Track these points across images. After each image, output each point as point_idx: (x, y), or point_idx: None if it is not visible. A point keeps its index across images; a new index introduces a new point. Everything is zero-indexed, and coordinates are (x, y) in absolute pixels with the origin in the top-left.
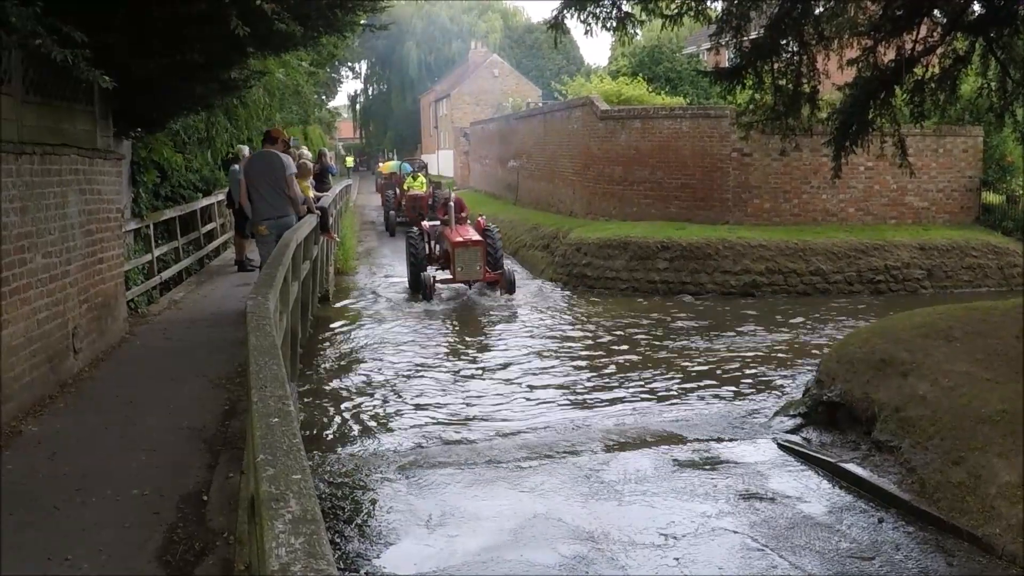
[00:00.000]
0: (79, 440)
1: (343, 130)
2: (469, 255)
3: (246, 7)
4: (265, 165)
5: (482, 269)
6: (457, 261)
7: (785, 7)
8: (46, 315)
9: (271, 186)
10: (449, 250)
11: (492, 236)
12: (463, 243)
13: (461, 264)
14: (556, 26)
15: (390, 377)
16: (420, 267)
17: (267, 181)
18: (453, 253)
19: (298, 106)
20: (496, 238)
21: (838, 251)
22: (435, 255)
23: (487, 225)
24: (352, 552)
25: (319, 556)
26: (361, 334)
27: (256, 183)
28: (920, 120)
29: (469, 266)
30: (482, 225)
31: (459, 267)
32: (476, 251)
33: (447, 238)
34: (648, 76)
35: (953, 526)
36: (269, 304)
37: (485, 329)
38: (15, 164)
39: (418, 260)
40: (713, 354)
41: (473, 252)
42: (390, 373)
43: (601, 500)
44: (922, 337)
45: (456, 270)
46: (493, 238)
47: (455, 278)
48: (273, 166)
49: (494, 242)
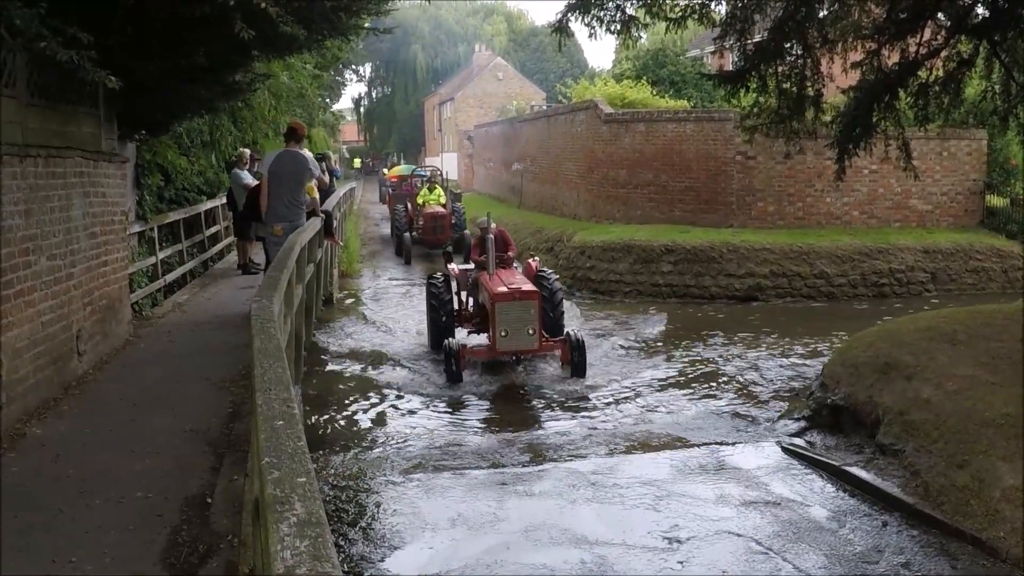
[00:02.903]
0: (83, 442)
1: (347, 133)
2: (517, 313)
3: (250, 10)
4: (292, 164)
5: (537, 334)
6: (500, 321)
7: (789, 10)
8: (50, 317)
9: (295, 187)
10: (488, 305)
11: (550, 284)
12: (508, 295)
13: (505, 326)
14: (560, 29)
15: (395, 379)
16: (445, 329)
17: (293, 180)
18: (493, 310)
19: (302, 109)
20: (556, 288)
21: (842, 254)
22: (467, 312)
23: (541, 268)
24: (356, 555)
25: (324, 559)
26: (365, 336)
27: (280, 182)
28: (924, 123)
29: (517, 330)
30: (534, 269)
31: (502, 330)
32: (527, 307)
33: (485, 288)
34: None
35: (957, 529)
36: (273, 307)
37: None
38: (19, 167)
39: (442, 318)
40: (717, 358)
41: (523, 308)
42: (395, 375)
43: (605, 504)
44: (926, 340)
45: (498, 335)
46: (551, 288)
47: (495, 347)
48: (302, 166)
49: (553, 294)
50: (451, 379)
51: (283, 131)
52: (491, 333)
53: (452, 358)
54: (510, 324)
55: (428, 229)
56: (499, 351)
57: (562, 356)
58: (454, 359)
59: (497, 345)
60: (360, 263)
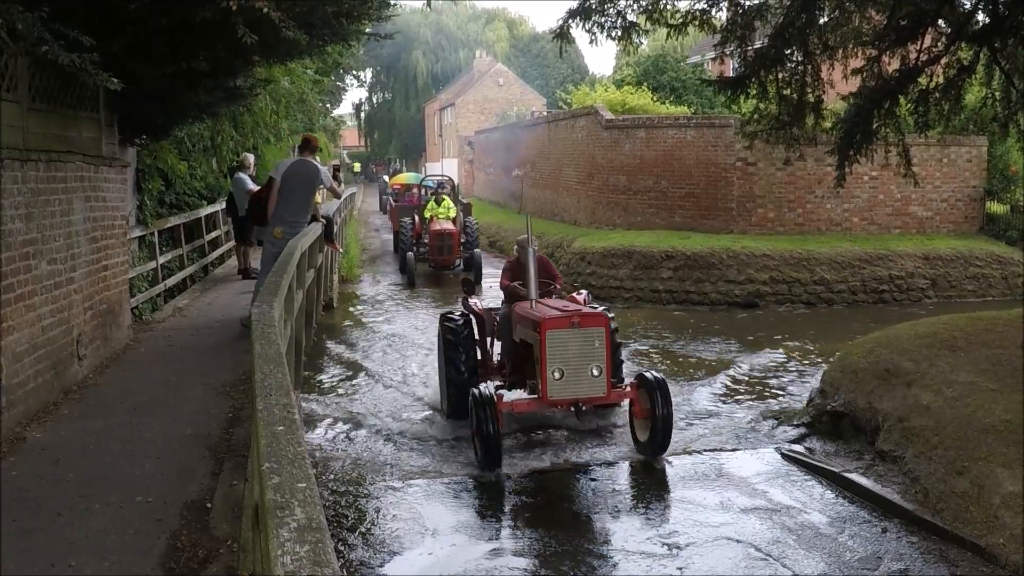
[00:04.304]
0: (83, 447)
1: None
2: (576, 345)
3: (252, 15)
4: (307, 173)
5: (605, 376)
6: (552, 358)
7: (790, 16)
8: (51, 322)
9: (306, 195)
10: (532, 338)
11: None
12: (563, 319)
13: (560, 364)
14: (561, 35)
15: (395, 383)
16: (467, 382)
17: (305, 189)
18: (543, 343)
19: (303, 114)
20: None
21: (842, 261)
22: (493, 365)
23: (590, 303)
24: (356, 560)
25: (324, 564)
26: (365, 340)
27: (294, 188)
28: (924, 130)
29: (577, 369)
30: (581, 303)
31: (555, 370)
32: (591, 337)
33: (527, 317)
34: (653, 85)
35: (957, 536)
36: (274, 312)
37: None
38: (20, 171)
39: (464, 373)
40: (716, 364)
41: (585, 339)
42: (396, 379)
43: (604, 510)
44: (926, 347)
45: (548, 377)
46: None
47: (545, 395)
48: (314, 176)
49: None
50: (488, 458)
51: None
52: (540, 379)
53: (485, 417)
54: (567, 361)
55: (435, 248)
56: (551, 400)
57: (635, 408)
58: (489, 418)
59: (548, 392)
60: (360, 268)
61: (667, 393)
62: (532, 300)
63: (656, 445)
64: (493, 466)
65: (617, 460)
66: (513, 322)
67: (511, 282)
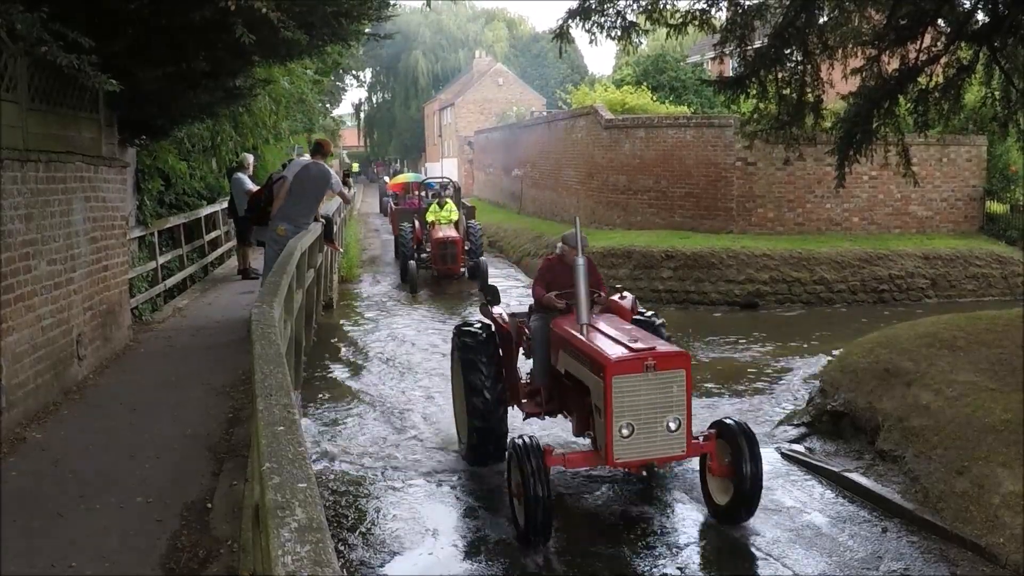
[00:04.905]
0: (83, 447)
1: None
2: (649, 393)
3: (251, 15)
4: (320, 176)
5: (685, 430)
6: (618, 409)
7: (789, 16)
8: (50, 322)
9: (314, 197)
10: (591, 384)
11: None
12: (632, 361)
13: (629, 418)
14: (561, 35)
15: (396, 383)
16: (493, 413)
17: (316, 191)
18: (606, 389)
19: (302, 114)
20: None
21: (842, 260)
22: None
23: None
24: (356, 560)
25: (325, 564)
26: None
27: (305, 189)
28: (924, 129)
29: (650, 423)
30: (628, 310)
31: (623, 425)
32: (670, 383)
33: (578, 348)
34: (652, 85)
35: (957, 536)
36: (274, 312)
37: None
38: (20, 171)
39: (488, 398)
40: (716, 363)
41: (661, 385)
42: (396, 379)
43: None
44: (926, 347)
45: (615, 433)
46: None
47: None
48: (326, 179)
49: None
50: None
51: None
52: (606, 430)
53: (532, 475)
54: (637, 413)
55: (437, 256)
56: (617, 463)
57: (711, 464)
58: (537, 478)
59: (614, 453)
60: (360, 268)
61: (755, 444)
62: (583, 325)
63: (742, 512)
64: (541, 539)
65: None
66: (553, 344)
67: (548, 292)
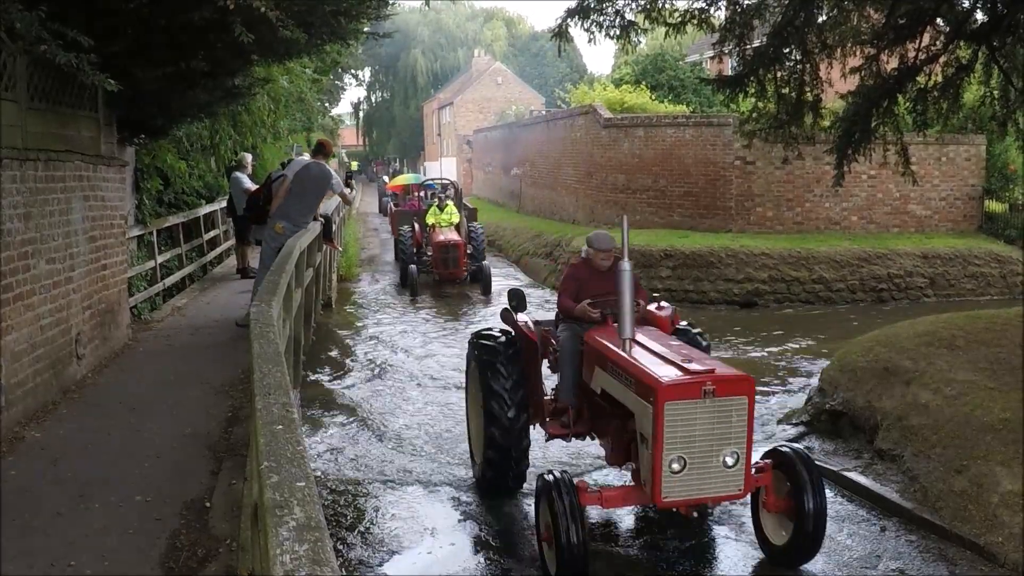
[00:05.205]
0: (82, 446)
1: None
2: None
3: (250, 15)
4: (321, 176)
5: (744, 466)
6: (669, 442)
7: (788, 15)
8: (49, 321)
9: (315, 197)
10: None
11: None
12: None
13: (682, 451)
14: (560, 34)
15: (395, 383)
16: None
17: (317, 191)
18: (658, 417)
19: (301, 113)
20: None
21: (841, 259)
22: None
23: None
24: (355, 559)
25: (323, 563)
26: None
27: (305, 188)
28: (923, 128)
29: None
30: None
31: (674, 459)
32: (729, 410)
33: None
34: (651, 84)
35: (955, 535)
36: (273, 311)
37: None
38: (19, 170)
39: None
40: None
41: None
42: (395, 379)
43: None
44: (925, 346)
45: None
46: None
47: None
48: (326, 179)
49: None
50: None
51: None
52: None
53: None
54: (690, 446)
55: (438, 261)
56: (666, 503)
57: (767, 499)
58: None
59: (662, 491)
60: (358, 267)
61: (817, 474)
62: (626, 340)
63: (802, 552)
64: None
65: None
66: (587, 359)
67: (577, 300)
